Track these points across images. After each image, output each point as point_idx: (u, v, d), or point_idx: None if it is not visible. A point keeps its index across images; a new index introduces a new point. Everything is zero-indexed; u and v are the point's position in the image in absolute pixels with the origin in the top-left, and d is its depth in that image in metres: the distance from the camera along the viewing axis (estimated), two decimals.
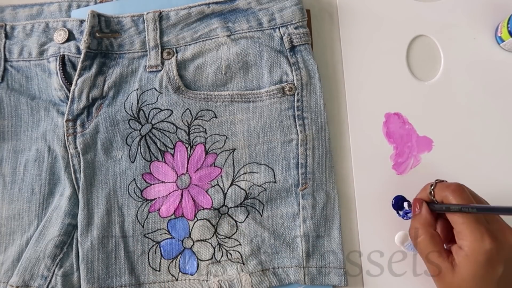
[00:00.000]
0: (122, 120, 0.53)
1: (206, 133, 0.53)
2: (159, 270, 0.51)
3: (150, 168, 0.53)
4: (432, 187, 0.47)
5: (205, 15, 0.54)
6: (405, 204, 0.53)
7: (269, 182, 0.52)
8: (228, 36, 0.54)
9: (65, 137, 0.52)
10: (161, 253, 0.52)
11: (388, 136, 0.56)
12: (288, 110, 0.53)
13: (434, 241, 0.45)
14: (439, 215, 0.48)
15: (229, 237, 0.52)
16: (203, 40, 0.54)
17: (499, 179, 0.55)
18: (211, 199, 0.52)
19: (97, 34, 0.53)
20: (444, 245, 0.46)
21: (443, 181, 0.48)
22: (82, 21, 0.54)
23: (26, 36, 0.55)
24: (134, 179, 0.52)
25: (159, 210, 0.52)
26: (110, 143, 0.53)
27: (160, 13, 0.54)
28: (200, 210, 0.52)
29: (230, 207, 0.52)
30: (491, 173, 0.55)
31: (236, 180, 0.52)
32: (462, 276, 0.43)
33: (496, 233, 0.43)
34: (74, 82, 0.53)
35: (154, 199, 0.52)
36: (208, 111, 0.53)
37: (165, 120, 0.53)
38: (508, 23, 0.55)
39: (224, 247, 0.51)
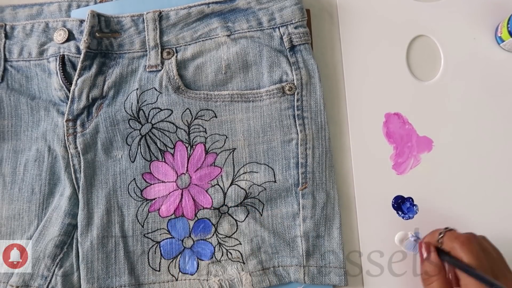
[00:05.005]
0: (122, 120, 0.53)
1: (206, 133, 0.53)
2: (159, 270, 0.51)
3: (150, 168, 0.53)
4: (441, 236, 0.46)
5: (205, 14, 0.54)
6: (411, 241, 0.52)
7: (269, 181, 0.52)
8: (228, 35, 0.54)
9: (65, 137, 0.52)
10: (161, 253, 0.51)
11: (388, 136, 0.56)
12: (288, 110, 0.53)
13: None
14: None
15: (229, 237, 0.52)
16: (203, 40, 0.54)
17: (499, 179, 0.55)
18: (211, 198, 0.52)
19: (97, 34, 0.53)
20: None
21: (452, 229, 0.47)
22: (82, 21, 0.54)
23: (26, 36, 0.55)
24: (134, 178, 0.52)
25: (159, 209, 0.52)
26: (110, 143, 0.53)
27: (160, 13, 0.54)
28: (200, 209, 0.52)
29: (230, 207, 0.52)
30: (491, 173, 0.55)
31: (236, 179, 0.52)
32: None
33: None
34: (74, 82, 0.53)
35: (154, 199, 0.52)
36: (208, 111, 0.53)
37: (165, 119, 0.53)
38: (508, 23, 0.55)
39: (224, 246, 0.51)
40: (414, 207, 0.53)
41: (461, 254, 0.44)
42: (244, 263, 0.51)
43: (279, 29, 0.54)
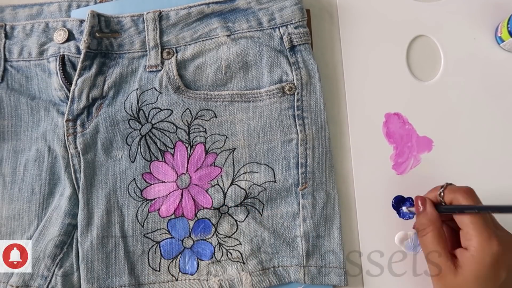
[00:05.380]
0: (122, 120, 0.53)
1: (206, 133, 0.53)
2: (159, 270, 0.51)
3: (150, 168, 0.53)
4: (442, 189, 0.47)
5: (205, 14, 0.54)
6: (404, 208, 0.53)
7: (269, 181, 0.52)
8: (228, 36, 0.54)
9: (65, 137, 0.52)
10: (161, 253, 0.51)
11: (388, 136, 0.56)
12: (288, 110, 0.53)
13: (440, 239, 0.45)
14: (442, 221, 0.48)
15: (229, 237, 0.52)
16: (203, 40, 0.54)
17: (499, 179, 0.55)
18: (211, 198, 0.52)
19: (97, 34, 0.53)
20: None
21: (452, 184, 0.48)
22: (82, 21, 0.54)
23: (26, 36, 0.55)
24: (134, 178, 0.52)
25: (159, 210, 0.52)
26: (110, 143, 0.53)
27: (160, 13, 0.54)
28: (200, 209, 0.52)
29: (230, 207, 0.52)
30: (491, 173, 0.55)
31: (236, 179, 0.52)
32: (464, 276, 0.43)
33: (503, 238, 0.43)
34: (74, 82, 0.53)
35: (154, 199, 0.52)
36: (208, 111, 0.53)
37: (165, 120, 0.53)
38: (508, 23, 0.55)
39: (224, 246, 0.51)
40: None
41: (463, 202, 0.44)
42: (244, 263, 0.51)
43: (279, 29, 0.54)
